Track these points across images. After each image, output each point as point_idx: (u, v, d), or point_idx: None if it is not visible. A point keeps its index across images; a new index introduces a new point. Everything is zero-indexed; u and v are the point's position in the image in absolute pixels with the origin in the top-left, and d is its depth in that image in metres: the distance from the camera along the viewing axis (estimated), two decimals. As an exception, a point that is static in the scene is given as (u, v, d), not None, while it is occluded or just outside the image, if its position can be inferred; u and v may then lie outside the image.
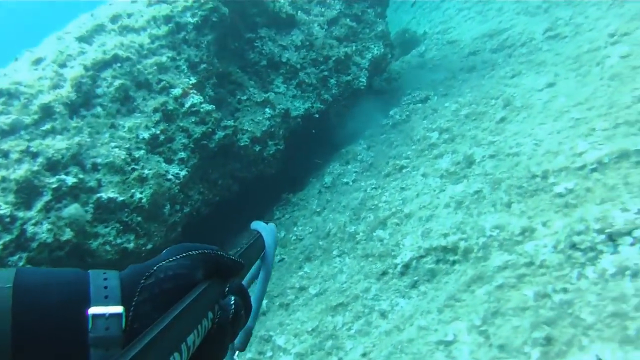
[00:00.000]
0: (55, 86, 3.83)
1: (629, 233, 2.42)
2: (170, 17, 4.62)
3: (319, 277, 3.97)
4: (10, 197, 3.18)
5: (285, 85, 5.59)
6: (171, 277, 0.78)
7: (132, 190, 3.62)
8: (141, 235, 3.61)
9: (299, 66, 5.67)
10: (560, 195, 3.00)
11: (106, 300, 0.73)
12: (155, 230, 3.73)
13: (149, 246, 3.66)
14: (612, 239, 2.45)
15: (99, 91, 3.97)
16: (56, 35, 4.65)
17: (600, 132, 3.37)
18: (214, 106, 4.44)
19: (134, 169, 3.71)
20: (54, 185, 3.28)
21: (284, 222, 5.18)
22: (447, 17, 10.02)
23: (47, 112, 3.65)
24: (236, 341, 1.17)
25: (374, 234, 3.98)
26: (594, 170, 3.01)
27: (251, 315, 1.15)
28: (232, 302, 0.85)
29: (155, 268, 0.79)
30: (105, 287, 0.75)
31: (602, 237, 2.47)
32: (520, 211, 3.12)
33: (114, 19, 4.64)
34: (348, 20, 6.44)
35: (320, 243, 4.33)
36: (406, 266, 3.36)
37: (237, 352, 1.19)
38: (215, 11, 4.80)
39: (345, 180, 5.35)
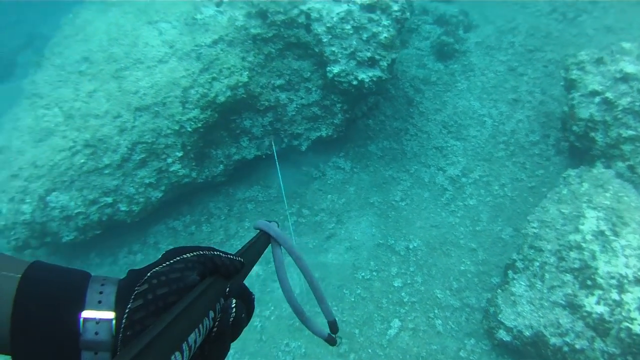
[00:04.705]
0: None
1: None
2: (179, 122, 8.68)
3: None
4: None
5: (249, 141, 9.67)
6: (164, 283, 0.79)
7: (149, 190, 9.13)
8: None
9: (259, 135, 9.57)
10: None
11: (99, 305, 0.76)
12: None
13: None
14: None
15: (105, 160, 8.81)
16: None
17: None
18: (186, 170, 9.11)
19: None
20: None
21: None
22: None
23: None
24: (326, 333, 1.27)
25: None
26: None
27: (326, 310, 1.28)
28: (232, 305, 0.87)
29: (149, 274, 0.81)
30: (101, 293, 0.78)
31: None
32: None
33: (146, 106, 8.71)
34: (317, 108, 9.51)
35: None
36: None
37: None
38: (206, 123, 8.72)
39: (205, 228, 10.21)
